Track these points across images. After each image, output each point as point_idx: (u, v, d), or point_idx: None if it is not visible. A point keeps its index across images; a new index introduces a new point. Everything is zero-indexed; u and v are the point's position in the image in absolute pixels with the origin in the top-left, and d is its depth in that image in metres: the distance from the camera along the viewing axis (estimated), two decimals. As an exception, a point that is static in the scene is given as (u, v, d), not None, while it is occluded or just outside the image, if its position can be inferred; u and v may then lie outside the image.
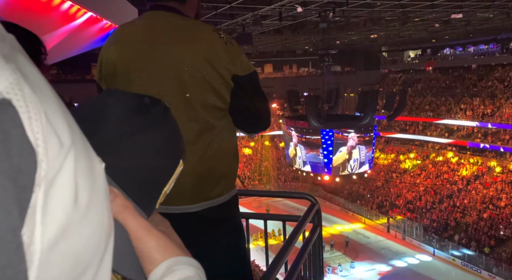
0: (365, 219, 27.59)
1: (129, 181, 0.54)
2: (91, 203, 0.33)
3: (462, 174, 28.41)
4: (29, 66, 0.30)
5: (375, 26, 21.78)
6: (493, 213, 24.06)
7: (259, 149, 37.40)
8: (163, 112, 0.60)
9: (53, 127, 0.30)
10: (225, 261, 1.47)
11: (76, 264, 0.32)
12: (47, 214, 0.29)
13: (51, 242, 0.29)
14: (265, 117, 1.55)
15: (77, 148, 0.32)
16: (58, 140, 0.30)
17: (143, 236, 0.50)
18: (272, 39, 27.00)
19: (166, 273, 0.47)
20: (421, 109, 34.46)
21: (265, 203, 27.33)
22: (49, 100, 0.31)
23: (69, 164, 0.31)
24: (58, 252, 0.30)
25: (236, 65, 1.40)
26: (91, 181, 0.34)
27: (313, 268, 1.83)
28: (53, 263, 0.29)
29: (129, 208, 0.50)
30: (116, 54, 1.42)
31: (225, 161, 1.49)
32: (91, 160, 0.35)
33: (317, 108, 16.96)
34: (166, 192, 0.60)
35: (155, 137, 0.57)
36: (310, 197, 1.92)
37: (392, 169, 32.84)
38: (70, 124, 0.32)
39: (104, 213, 0.36)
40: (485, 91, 31.30)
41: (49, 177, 0.29)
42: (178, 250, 0.52)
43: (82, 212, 0.32)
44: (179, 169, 0.60)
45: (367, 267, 21.28)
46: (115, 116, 0.56)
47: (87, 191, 0.33)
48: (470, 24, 22.69)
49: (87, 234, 0.33)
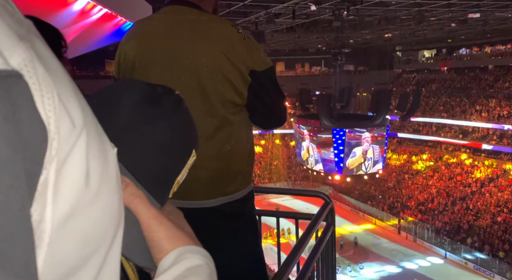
0: (375, 219, 27.34)
1: (141, 170, 0.55)
2: (102, 186, 0.34)
3: (476, 176, 27.91)
4: (44, 48, 0.30)
5: (389, 25, 21.50)
6: (508, 216, 23.58)
7: (269, 147, 37.37)
8: (175, 101, 0.60)
9: (66, 108, 0.30)
10: (241, 255, 1.48)
11: (85, 245, 0.33)
12: (58, 193, 0.29)
13: (61, 221, 0.29)
14: (281, 113, 1.55)
15: (90, 130, 0.33)
16: (70, 120, 0.30)
17: (153, 225, 0.50)
18: (284, 37, 26.91)
19: (175, 262, 0.48)
20: (435, 110, 33.95)
21: (274, 202, 27.30)
22: (63, 82, 0.31)
23: (81, 145, 0.31)
24: (67, 232, 0.30)
25: (254, 60, 1.40)
26: (103, 164, 0.34)
27: (325, 268, 1.80)
28: (63, 243, 0.30)
29: (140, 197, 0.50)
30: (135, 49, 1.43)
31: (242, 156, 1.49)
32: (104, 144, 0.35)
33: (329, 107, 16.84)
34: (179, 181, 0.60)
35: (167, 127, 0.57)
36: (324, 195, 1.89)
37: (404, 170, 32.46)
38: (83, 107, 0.33)
39: (115, 197, 0.36)
40: (502, 93, 30.66)
41: (61, 156, 0.29)
42: (188, 240, 0.52)
43: (93, 193, 0.32)
44: (191, 159, 0.60)
45: (376, 268, 21.10)
46: (127, 105, 0.56)
47: (99, 173, 0.33)
48: (487, 24, 22.23)
49: (97, 216, 0.33)
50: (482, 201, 25.70)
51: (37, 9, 3.13)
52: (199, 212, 1.41)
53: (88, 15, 4.02)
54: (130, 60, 1.43)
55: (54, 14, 3.45)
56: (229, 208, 1.45)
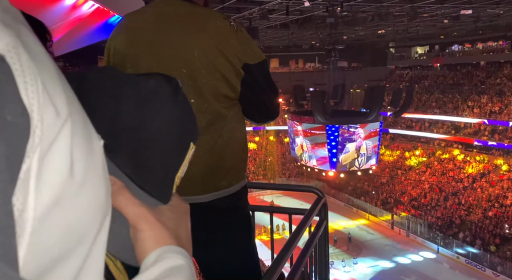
0: (369, 215, 27.56)
1: (135, 167, 0.52)
2: (87, 176, 0.33)
3: (468, 172, 28.22)
4: (30, 37, 0.30)
5: (382, 22, 21.55)
6: (498, 211, 23.90)
7: (264, 143, 37.40)
8: (173, 91, 0.56)
9: (50, 96, 0.29)
10: (235, 250, 1.48)
11: (69, 236, 0.32)
12: (41, 182, 0.29)
13: (44, 211, 0.29)
14: (274, 106, 1.54)
15: (75, 120, 0.32)
16: (55, 109, 0.30)
17: (138, 224, 0.49)
18: (278, 34, 26.86)
19: (157, 261, 0.47)
20: (427, 106, 34.19)
21: (268, 200, 27.38)
22: (48, 70, 0.30)
23: (66, 135, 0.31)
24: (51, 222, 0.30)
25: (246, 54, 1.38)
26: (89, 155, 0.34)
27: (318, 263, 1.82)
28: (46, 233, 0.29)
29: (125, 196, 0.49)
30: (125, 43, 1.40)
31: (236, 151, 1.48)
32: (90, 135, 0.35)
33: (323, 103, 16.89)
34: (180, 176, 0.57)
35: (163, 120, 0.54)
36: (317, 190, 1.90)
37: (397, 165, 32.70)
38: (68, 97, 0.32)
39: (102, 188, 0.36)
40: (493, 89, 30.96)
41: (44, 145, 0.29)
42: (171, 240, 0.51)
43: (77, 184, 0.32)
44: (190, 151, 0.56)
45: (370, 263, 21.29)
46: (119, 96, 0.52)
47: (84, 163, 0.33)
48: (479, 21, 22.39)
49: (82, 207, 0.33)
50: (474, 196, 26.01)
51: (28, 4, 3.09)
52: (191, 207, 1.41)
53: (79, 11, 3.98)
54: (120, 54, 1.40)
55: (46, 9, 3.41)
56: (222, 203, 1.45)
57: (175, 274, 0.45)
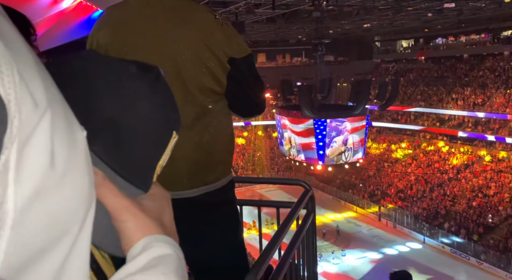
0: (357, 207, 27.91)
1: (116, 157, 0.51)
2: (69, 168, 0.33)
3: (452, 163, 28.78)
4: (7, 26, 0.29)
5: (368, 15, 21.70)
6: (482, 201, 24.48)
7: (252, 138, 37.41)
8: (153, 79, 0.55)
9: (28, 87, 0.29)
10: (223, 244, 1.48)
11: (52, 228, 0.32)
12: (20, 173, 0.28)
13: (25, 203, 0.29)
14: (261, 100, 1.54)
15: (55, 110, 0.32)
16: (33, 99, 0.29)
17: (121, 214, 0.48)
18: (265, 28, 26.79)
19: (143, 250, 0.46)
20: (413, 99, 34.64)
21: (258, 193, 27.46)
22: (25, 60, 0.30)
23: (45, 125, 0.30)
24: (33, 214, 0.29)
25: (232, 48, 1.37)
26: (70, 146, 0.33)
27: (306, 255, 1.84)
28: (28, 225, 0.29)
29: (107, 186, 0.48)
30: (108, 37, 1.37)
31: (222, 146, 1.48)
32: (71, 125, 0.34)
33: (310, 98, 16.97)
34: (162, 165, 0.56)
35: (144, 109, 0.53)
36: (304, 183, 1.92)
37: (383, 158, 33.13)
38: (47, 87, 0.32)
39: (85, 179, 0.35)
40: (476, 81, 31.53)
41: (23, 136, 0.28)
42: (157, 228, 0.50)
43: (59, 175, 0.31)
44: (173, 140, 0.56)
45: (358, 255, 21.60)
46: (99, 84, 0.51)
47: (65, 155, 0.32)
48: (462, 14, 22.72)
49: (64, 199, 0.33)
50: (459, 186, 26.57)
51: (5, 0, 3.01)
52: (179, 202, 1.40)
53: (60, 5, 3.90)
54: (103, 47, 1.37)
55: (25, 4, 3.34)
56: (210, 197, 1.45)
57: (163, 263, 0.45)
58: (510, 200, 23.54)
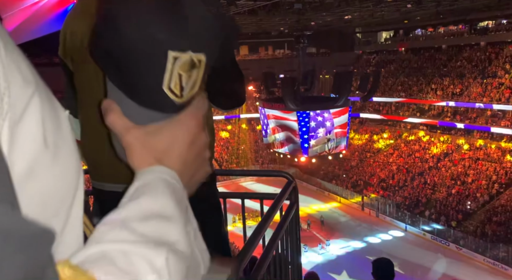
0: (340, 198, 28.34)
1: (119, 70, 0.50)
2: (59, 146, 0.33)
3: (432, 152, 29.47)
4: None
5: (349, 7, 21.80)
6: (460, 188, 25.21)
7: (236, 132, 37.35)
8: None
9: (15, 63, 0.28)
10: (206, 237, 1.48)
11: (45, 207, 0.32)
12: (14, 150, 0.28)
13: (19, 180, 0.28)
14: (240, 92, 1.53)
15: (41, 92, 0.31)
16: (21, 76, 0.29)
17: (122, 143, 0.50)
18: (247, 20, 26.59)
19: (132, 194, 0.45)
20: (394, 89, 35.18)
21: (243, 186, 27.53)
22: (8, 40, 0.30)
23: (36, 105, 0.30)
24: (26, 192, 0.29)
25: None
26: (58, 126, 0.34)
27: (290, 246, 1.86)
28: (21, 203, 0.29)
29: (115, 112, 0.49)
30: (82, 25, 1.31)
31: None
32: (55, 106, 0.35)
33: (293, 90, 17.04)
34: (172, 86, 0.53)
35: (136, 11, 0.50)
36: (287, 174, 1.94)
37: (366, 148, 33.65)
38: (32, 68, 0.32)
39: (73, 157, 0.36)
40: (454, 71, 32.24)
41: (14, 114, 0.28)
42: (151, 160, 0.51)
43: (51, 153, 0.32)
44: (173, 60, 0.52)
45: (342, 244, 21.99)
46: None
47: (54, 134, 0.33)
48: (440, 5, 23.08)
49: (57, 176, 0.33)
50: (439, 175, 27.27)
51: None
52: None
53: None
54: (78, 38, 1.33)
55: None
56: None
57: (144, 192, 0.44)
58: (487, 187, 24.32)
